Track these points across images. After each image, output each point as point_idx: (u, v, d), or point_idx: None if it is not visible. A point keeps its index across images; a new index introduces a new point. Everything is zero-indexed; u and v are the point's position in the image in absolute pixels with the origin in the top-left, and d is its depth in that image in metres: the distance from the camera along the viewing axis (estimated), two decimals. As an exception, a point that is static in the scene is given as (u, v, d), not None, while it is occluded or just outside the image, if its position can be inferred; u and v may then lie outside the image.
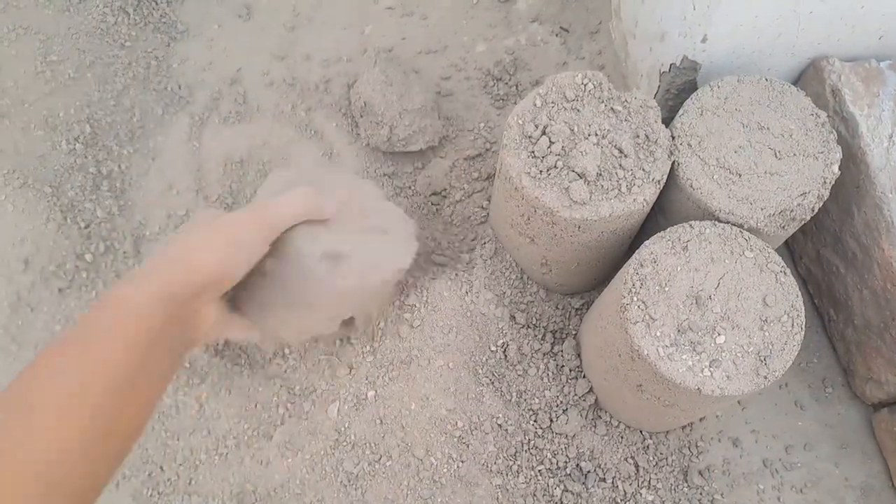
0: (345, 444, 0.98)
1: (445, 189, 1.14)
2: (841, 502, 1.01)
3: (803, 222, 0.89)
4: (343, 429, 0.98)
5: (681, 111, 0.92)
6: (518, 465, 0.98)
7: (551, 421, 1.00)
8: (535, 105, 0.89)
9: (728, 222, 0.86)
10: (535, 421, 1.00)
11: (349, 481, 0.96)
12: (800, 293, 0.80)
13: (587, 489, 0.98)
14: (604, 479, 0.99)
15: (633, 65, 1.14)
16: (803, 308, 0.80)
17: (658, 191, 0.87)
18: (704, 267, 0.81)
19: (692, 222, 0.84)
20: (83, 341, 0.63)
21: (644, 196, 0.85)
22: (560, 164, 0.86)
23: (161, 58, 1.23)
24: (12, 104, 1.15)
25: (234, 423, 1.01)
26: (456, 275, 1.06)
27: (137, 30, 1.24)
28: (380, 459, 0.97)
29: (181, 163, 1.16)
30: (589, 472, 0.99)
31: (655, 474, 1.00)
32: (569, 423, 1.00)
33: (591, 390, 1.01)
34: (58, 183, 1.12)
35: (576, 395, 1.01)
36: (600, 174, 0.85)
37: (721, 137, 0.88)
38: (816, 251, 1.06)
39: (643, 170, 0.86)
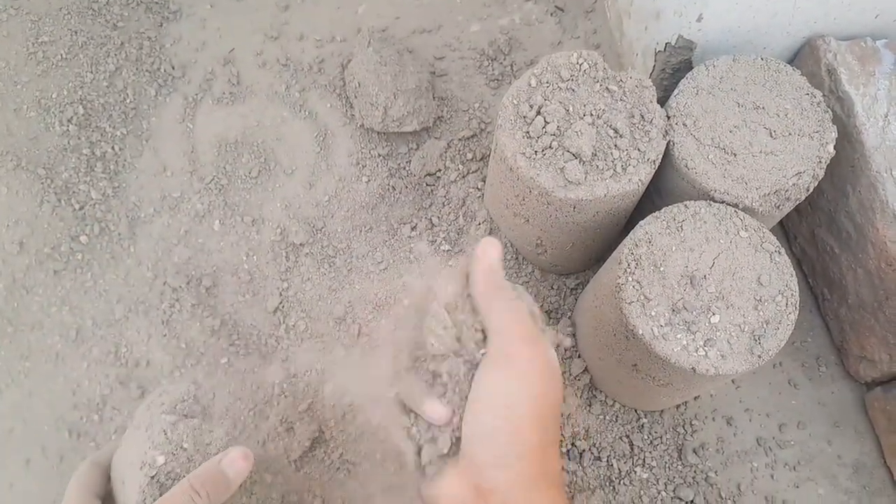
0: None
1: (440, 170, 1.13)
2: (833, 480, 1.02)
3: (798, 202, 0.89)
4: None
5: (676, 91, 0.91)
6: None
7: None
8: (529, 85, 0.89)
9: (723, 202, 0.86)
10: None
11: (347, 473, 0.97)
12: (794, 273, 0.81)
13: (582, 468, 0.98)
14: (599, 458, 0.99)
15: (629, 44, 1.14)
16: (797, 287, 0.80)
17: (653, 171, 0.87)
18: (699, 247, 0.81)
19: (687, 202, 0.84)
20: None
21: (639, 176, 0.85)
22: (555, 144, 0.85)
23: (154, 38, 1.22)
24: (4, 85, 1.14)
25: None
26: (452, 255, 1.06)
27: (129, 10, 1.23)
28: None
29: (175, 144, 1.16)
30: (584, 450, 0.99)
31: (650, 453, 1.00)
32: (564, 402, 1.00)
33: (586, 370, 1.02)
34: (51, 165, 1.11)
35: (571, 374, 1.02)
36: (595, 154, 0.85)
37: (716, 117, 0.88)
38: (811, 231, 1.06)
39: (638, 150, 0.86)
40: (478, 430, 0.55)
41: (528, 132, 0.87)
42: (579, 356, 1.03)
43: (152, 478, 0.62)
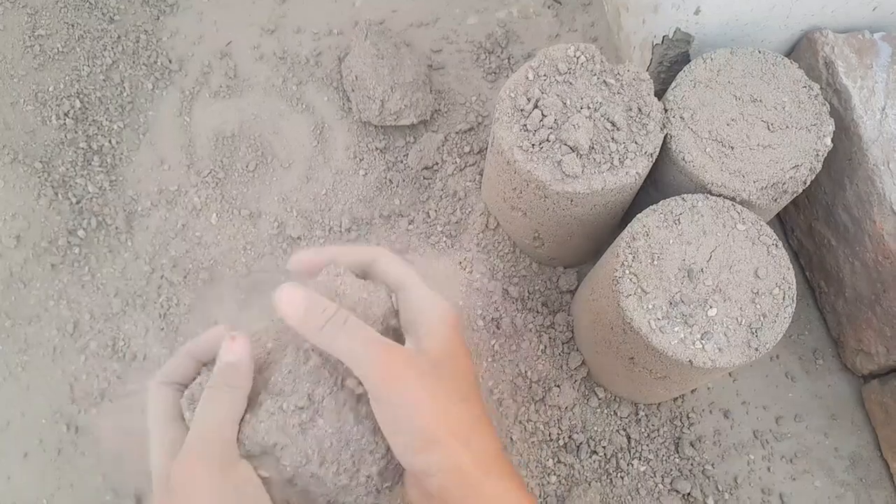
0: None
1: (437, 163, 1.13)
2: (830, 472, 1.02)
3: (795, 195, 0.89)
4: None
5: (673, 84, 0.91)
6: (511, 438, 0.98)
7: (544, 393, 1.01)
8: (527, 78, 0.89)
9: (720, 195, 0.86)
10: (528, 393, 1.01)
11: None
12: (791, 266, 0.81)
13: (580, 460, 0.99)
14: (596, 451, 1.00)
15: (626, 37, 1.14)
16: (794, 280, 0.80)
17: (650, 164, 0.87)
18: (696, 240, 0.81)
19: (684, 195, 0.84)
20: None
21: (636, 169, 0.85)
22: (552, 137, 0.85)
23: (150, 31, 1.22)
24: (1, 79, 1.14)
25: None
26: (449, 249, 1.06)
27: (126, 3, 1.22)
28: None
29: (172, 137, 1.16)
30: (581, 443, 0.99)
31: (647, 445, 1.01)
32: (561, 395, 1.00)
33: (583, 363, 1.02)
34: (48, 158, 1.11)
35: (568, 367, 1.02)
36: (593, 147, 0.85)
37: (713, 110, 0.88)
38: (808, 224, 1.06)
39: (636, 143, 0.86)
40: (399, 445, 0.54)
41: (525, 125, 0.87)
42: (577, 349, 1.03)
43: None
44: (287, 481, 0.58)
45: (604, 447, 1.00)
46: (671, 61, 1.03)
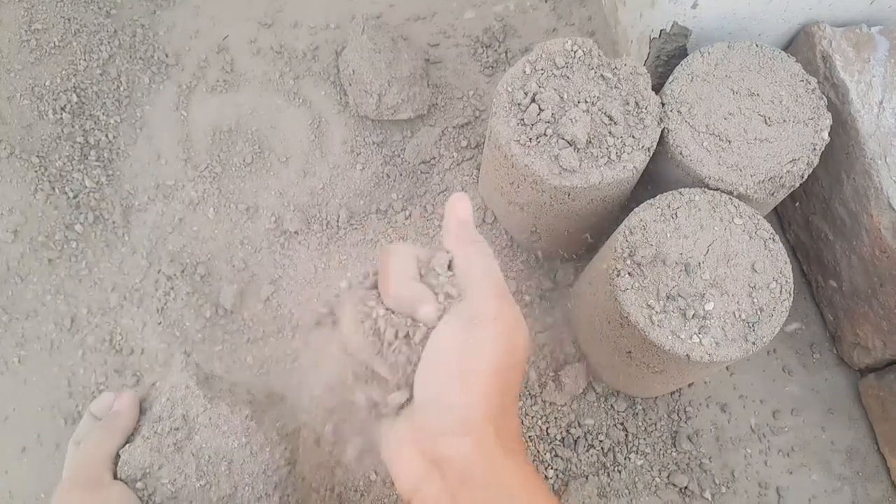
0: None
1: (434, 157, 1.13)
2: (827, 466, 1.02)
3: (793, 189, 0.89)
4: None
5: (671, 78, 0.91)
6: (508, 432, 0.98)
7: (542, 388, 1.01)
8: (524, 72, 0.89)
9: (717, 189, 0.86)
10: (525, 388, 1.01)
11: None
12: (788, 260, 0.81)
13: (577, 454, 0.99)
14: (593, 445, 1.00)
15: (623, 31, 1.14)
16: (792, 274, 0.80)
17: (648, 158, 0.87)
18: (694, 234, 0.81)
19: (682, 189, 0.84)
20: None
21: (634, 163, 0.85)
22: (549, 131, 0.85)
23: (147, 26, 1.21)
24: (-3, 73, 1.14)
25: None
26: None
27: (123, -3, 1.22)
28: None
29: (169, 132, 1.15)
30: (579, 437, 1.00)
31: (644, 439, 1.01)
32: (559, 389, 1.00)
33: (581, 357, 1.02)
34: (45, 153, 1.11)
35: (566, 361, 1.02)
36: (590, 141, 0.85)
37: (711, 104, 0.88)
38: (805, 218, 1.06)
39: (633, 137, 0.86)
40: (430, 393, 0.54)
41: (522, 119, 0.86)
42: (574, 344, 1.03)
43: None
44: (171, 499, 0.61)
45: (601, 441, 1.00)
46: (668, 55, 1.03)
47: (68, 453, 0.70)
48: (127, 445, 0.66)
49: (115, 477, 0.65)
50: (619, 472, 0.99)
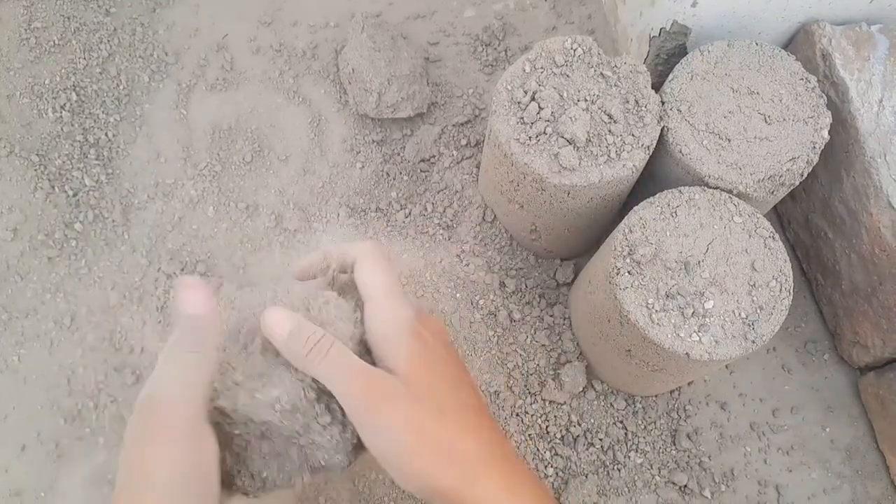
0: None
1: (434, 156, 1.13)
2: (826, 464, 1.02)
3: (792, 187, 0.89)
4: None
5: (670, 76, 0.91)
6: (508, 431, 0.99)
7: (541, 386, 1.01)
8: (524, 70, 0.89)
9: (717, 188, 0.86)
10: (525, 386, 1.01)
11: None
12: (788, 258, 0.81)
13: (577, 453, 0.99)
14: (593, 444, 1.00)
15: (623, 29, 1.14)
16: (791, 273, 0.80)
17: (647, 156, 0.87)
18: (693, 232, 0.81)
19: (681, 188, 0.84)
20: None
21: (633, 162, 0.85)
22: (549, 130, 0.85)
23: (147, 24, 1.21)
24: (-4, 71, 1.14)
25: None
26: (445, 241, 1.06)
27: (122, -5, 1.22)
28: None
29: (169, 130, 1.15)
30: (578, 436, 1.00)
31: (644, 438, 1.01)
32: (558, 388, 1.00)
33: (580, 356, 1.02)
34: (45, 151, 1.11)
35: (566, 360, 1.02)
36: (590, 140, 0.85)
37: (711, 102, 0.88)
38: (805, 216, 1.07)
39: (633, 135, 0.86)
40: (392, 476, 0.57)
41: (522, 118, 0.86)
42: (574, 342, 1.03)
43: None
44: (259, 437, 0.59)
45: (601, 439, 1.00)
46: (668, 54, 1.03)
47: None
48: (220, 387, 0.56)
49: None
50: (619, 471, 0.99)
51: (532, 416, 1.00)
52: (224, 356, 0.57)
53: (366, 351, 0.60)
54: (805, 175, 0.87)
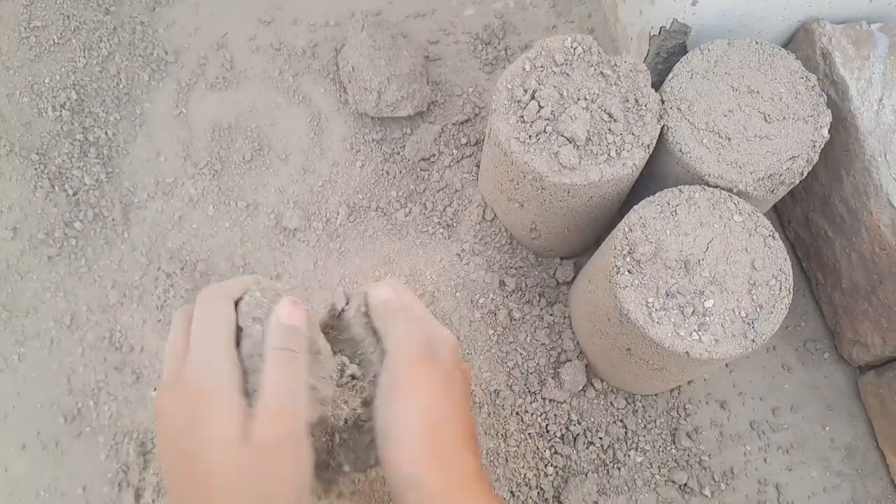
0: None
1: (434, 154, 1.13)
2: (826, 463, 1.02)
3: (792, 186, 0.89)
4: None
5: (670, 75, 0.91)
6: (508, 429, 0.99)
7: (541, 385, 1.01)
8: (524, 69, 0.89)
9: (717, 186, 0.86)
10: (525, 385, 1.01)
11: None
12: (788, 257, 0.81)
13: (577, 451, 0.99)
14: (593, 442, 1.00)
15: (623, 28, 1.14)
16: (791, 271, 0.80)
17: (647, 155, 0.87)
18: (693, 231, 0.81)
19: (681, 186, 0.84)
20: None
21: (633, 160, 0.85)
22: (549, 128, 0.85)
23: (146, 23, 1.21)
24: (-4, 70, 1.14)
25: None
26: (445, 240, 1.06)
27: (122, -6, 1.22)
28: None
29: (168, 129, 1.15)
30: (578, 434, 1.00)
31: (644, 436, 1.01)
32: (558, 387, 1.00)
33: (580, 354, 1.02)
34: (44, 150, 1.11)
35: (566, 359, 1.02)
36: (590, 139, 0.85)
37: (711, 101, 0.88)
38: (805, 215, 1.07)
39: (633, 134, 0.86)
40: (390, 457, 0.58)
41: (522, 117, 0.86)
42: (574, 341, 1.03)
43: None
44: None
45: (601, 438, 1.00)
46: (668, 52, 1.03)
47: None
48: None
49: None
50: (619, 469, 0.99)
51: (532, 414, 1.00)
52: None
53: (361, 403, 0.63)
54: (805, 174, 0.87)
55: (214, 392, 0.54)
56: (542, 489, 0.97)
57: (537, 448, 0.98)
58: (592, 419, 1.01)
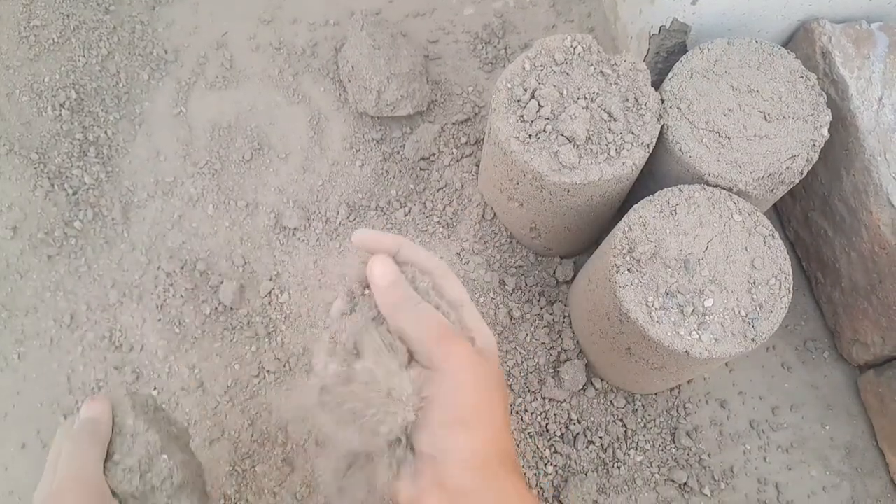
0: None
1: (434, 154, 1.13)
2: (826, 462, 1.02)
3: (792, 185, 0.89)
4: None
5: (670, 74, 0.91)
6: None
7: (541, 384, 1.01)
8: (524, 68, 0.89)
9: (717, 185, 0.86)
10: (525, 384, 1.01)
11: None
12: (787, 256, 0.81)
13: (576, 451, 0.99)
14: (592, 441, 1.00)
15: (623, 27, 1.14)
16: (791, 271, 0.80)
17: (647, 154, 0.87)
18: (693, 230, 0.81)
19: (681, 186, 0.84)
20: None
21: (633, 160, 0.85)
22: (549, 127, 0.85)
23: (146, 22, 1.21)
24: (-4, 70, 1.14)
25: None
26: (445, 240, 1.06)
27: (121, -7, 1.22)
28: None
29: (168, 128, 1.15)
30: (578, 434, 1.00)
31: (644, 435, 1.01)
32: (558, 386, 1.00)
33: (580, 354, 1.02)
34: (44, 149, 1.11)
35: (565, 358, 1.02)
36: (589, 138, 0.85)
37: (710, 100, 0.88)
38: (805, 214, 1.07)
39: (632, 133, 0.86)
40: (425, 433, 0.56)
41: (521, 116, 0.86)
42: (574, 340, 1.03)
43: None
44: None
45: (600, 437, 1.00)
46: (668, 52, 1.03)
47: (49, 464, 0.69)
48: (109, 465, 0.68)
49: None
50: (619, 469, 0.99)
51: (532, 413, 1.00)
52: None
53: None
54: (805, 173, 0.87)
55: None
56: (541, 488, 0.97)
57: (537, 447, 0.98)
58: (592, 418, 1.01)
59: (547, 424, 1.00)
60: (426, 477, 0.55)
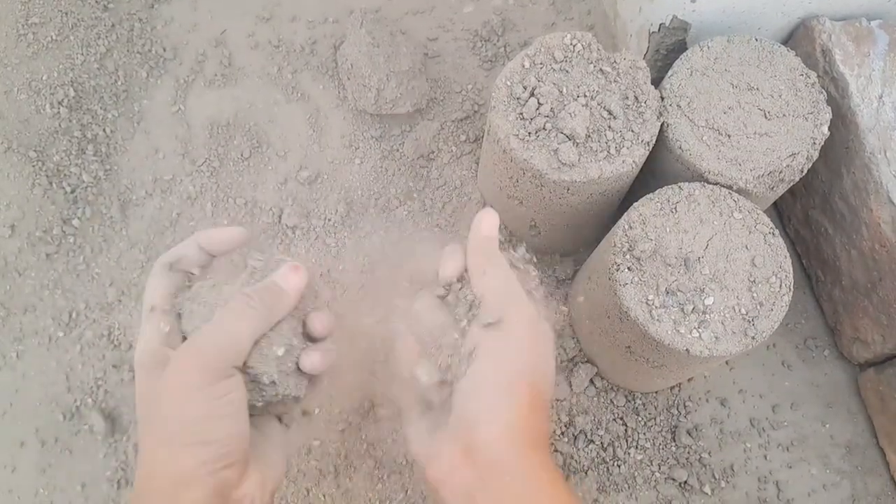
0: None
1: (433, 152, 1.13)
2: (826, 460, 1.02)
3: (792, 183, 0.89)
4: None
5: (670, 72, 0.91)
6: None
7: (540, 382, 1.01)
8: (523, 66, 0.88)
9: (717, 183, 0.85)
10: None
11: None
12: (788, 254, 0.81)
13: (577, 449, 0.99)
14: (593, 440, 1.00)
15: (623, 25, 1.13)
16: (791, 269, 0.80)
17: (647, 152, 0.86)
18: (693, 228, 0.81)
19: (681, 184, 0.84)
20: None
21: (633, 158, 0.85)
22: (549, 125, 0.85)
23: (145, 19, 1.21)
24: (-6, 67, 1.13)
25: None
26: (443, 237, 1.06)
27: (120, -9, 1.22)
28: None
29: (167, 126, 1.15)
30: (578, 432, 0.99)
31: (644, 434, 1.01)
32: (558, 385, 1.00)
33: (580, 352, 1.02)
34: (42, 147, 1.10)
35: (566, 356, 1.02)
36: (589, 136, 0.85)
37: (710, 98, 0.88)
38: (805, 212, 1.06)
39: (632, 131, 0.86)
40: (469, 386, 0.56)
41: (521, 114, 0.86)
42: (574, 338, 1.03)
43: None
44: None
45: (601, 436, 1.00)
46: (668, 49, 1.02)
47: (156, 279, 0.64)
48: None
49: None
50: (619, 467, 0.99)
51: (531, 412, 1.00)
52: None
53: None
54: (805, 171, 0.87)
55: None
56: (541, 487, 0.97)
57: (537, 446, 0.98)
58: (593, 417, 1.01)
59: (547, 423, 1.00)
60: (456, 440, 0.55)
